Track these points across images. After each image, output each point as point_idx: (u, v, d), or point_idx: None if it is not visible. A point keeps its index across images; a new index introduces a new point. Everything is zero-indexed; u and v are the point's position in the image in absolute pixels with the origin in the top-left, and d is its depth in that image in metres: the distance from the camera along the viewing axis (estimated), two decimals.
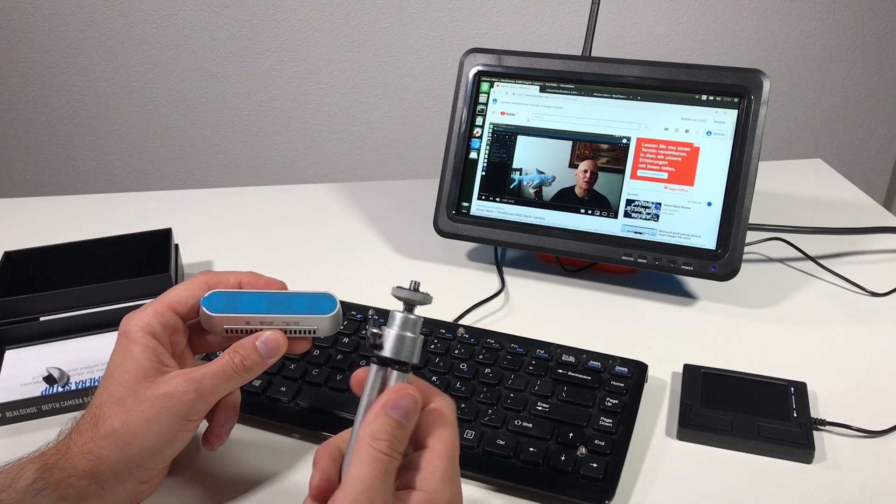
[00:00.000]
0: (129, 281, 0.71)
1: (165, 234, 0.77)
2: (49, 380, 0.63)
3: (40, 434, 0.58)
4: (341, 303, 0.50)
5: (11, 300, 0.68)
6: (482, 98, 0.78)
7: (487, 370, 0.61)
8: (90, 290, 0.70)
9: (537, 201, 0.77)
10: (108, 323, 0.69)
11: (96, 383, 0.63)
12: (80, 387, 0.63)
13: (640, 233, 0.73)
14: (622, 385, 0.59)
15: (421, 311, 0.44)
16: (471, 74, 0.78)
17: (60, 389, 0.63)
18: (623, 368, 0.61)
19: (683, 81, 0.72)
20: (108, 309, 0.70)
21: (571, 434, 0.55)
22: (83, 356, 0.67)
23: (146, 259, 0.77)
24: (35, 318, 0.69)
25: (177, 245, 0.79)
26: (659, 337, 0.70)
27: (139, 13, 1.64)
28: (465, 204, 0.79)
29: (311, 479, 0.40)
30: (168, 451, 0.45)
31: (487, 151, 0.78)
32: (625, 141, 0.74)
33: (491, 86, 0.78)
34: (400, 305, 0.43)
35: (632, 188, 0.74)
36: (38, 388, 0.63)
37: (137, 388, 0.45)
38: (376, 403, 0.40)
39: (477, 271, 0.81)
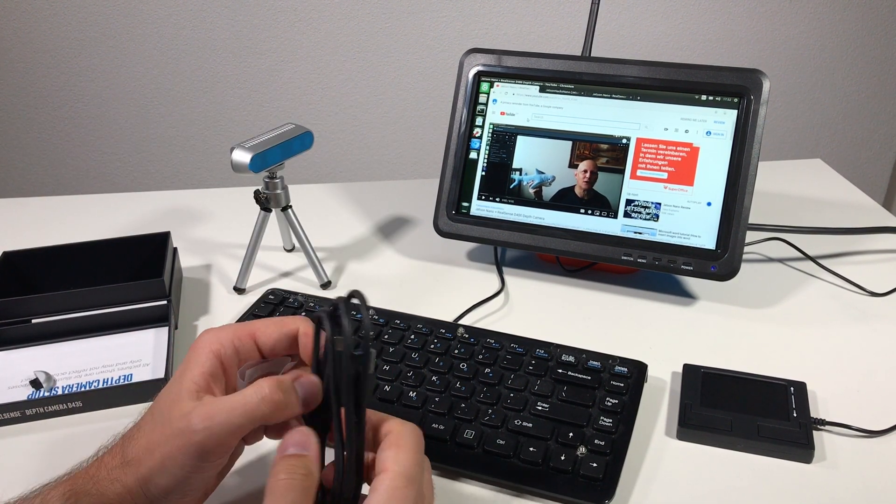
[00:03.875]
0: (122, 285, 0.71)
1: (163, 238, 0.77)
2: (35, 384, 0.63)
3: (24, 438, 0.58)
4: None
5: (3, 302, 0.68)
6: (482, 98, 0.78)
7: (487, 370, 0.61)
8: (83, 293, 0.70)
9: (537, 201, 0.77)
10: (99, 327, 0.69)
11: (84, 388, 0.63)
12: (66, 391, 0.62)
13: (640, 233, 0.73)
14: (622, 385, 0.59)
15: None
16: (471, 74, 0.78)
17: (46, 394, 0.62)
18: (623, 368, 0.61)
19: (683, 81, 0.72)
20: (99, 313, 0.69)
21: (571, 434, 0.55)
22: (73, 360, 0.66)
23: (144, 262, 0.77)
24: (27, 320, 0.69)
25: (175, 248, 0.78)
26: (659, 337, 0.70)
27: (139, 13, 1.64)
28: (465, 204, 0.79)
29: None
30: (188, 487, 0.42)
31: (487, 151, 0.78)
32: (624, 141, 0.74)
33: (491, 86, 0.78)
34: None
35: (632, 188, 0.74)
36: (26, 392, 0.62)
37: (171, 413, 0.42)
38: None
39: (477, 271, 0.81)
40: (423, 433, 0.55)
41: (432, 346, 0.64)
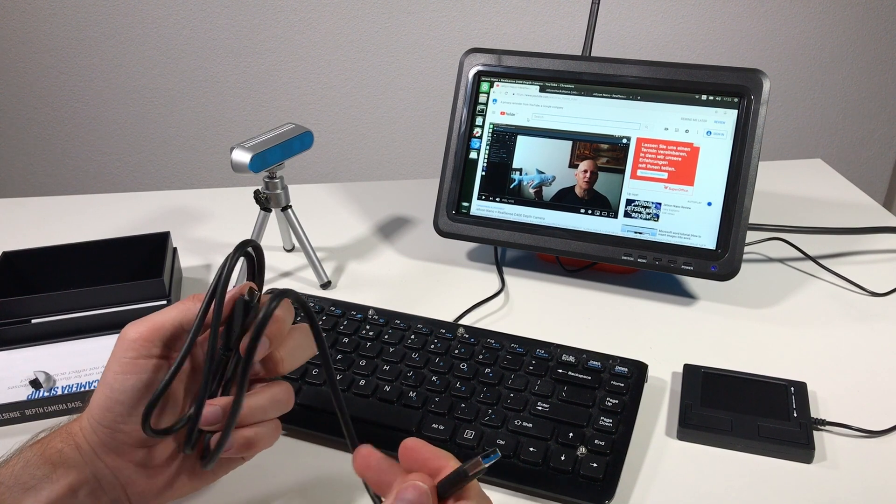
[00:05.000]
0: (122, 285, 0.71)
1: (163, 238, 0.77)
2: (35, 384, 0.62)
3: (24, 439, 0.57)
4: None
5: (3, 302, 0.68)
6: (482, 98, 0.78)
7: (487, 370, 0.61)
8: (83, 293, 0.70)
9: (537, 201, 0.77)
10: (99, 327, 0.69)
11: (84, 388, 0.63)
12: (66, 391, 0.62)
13: (640, 233, 0.73)
14: (622, 385, 0.59)
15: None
16: (471, 74, 0.78)
17: (46, 394, 0.62)
18: (623, 368, 0.61)
19: (683, 81, 0.72)
20: (99, 313, 0.69)
21: (571, 434, 0.55)
22: (73, 360, 0.66)
23: (144, 261, 0.77)
24: (27, 320, 0.69)
25: (175, 248, 0.78)
26: (659, 337, 0.70)
27: (139, 13, 1.64)
28: (465, 204, 0.79)
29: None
30: (119, 402, 0.42)
31: (487, 151, 0.78)
32: (625, 141, 0.74)
33: (491, 86, 0.78)
34: None
35: (632, 188, 0.74)
36: (26, 392, 0.62)
37: None
38: (388, 497, 0.39)
39: (477, 271, 0.81)
40: (423, 434, 0.56)
41: (432, 347, 0.64)
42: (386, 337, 0.65)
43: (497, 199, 0.78)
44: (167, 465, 0.46)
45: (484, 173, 0.78)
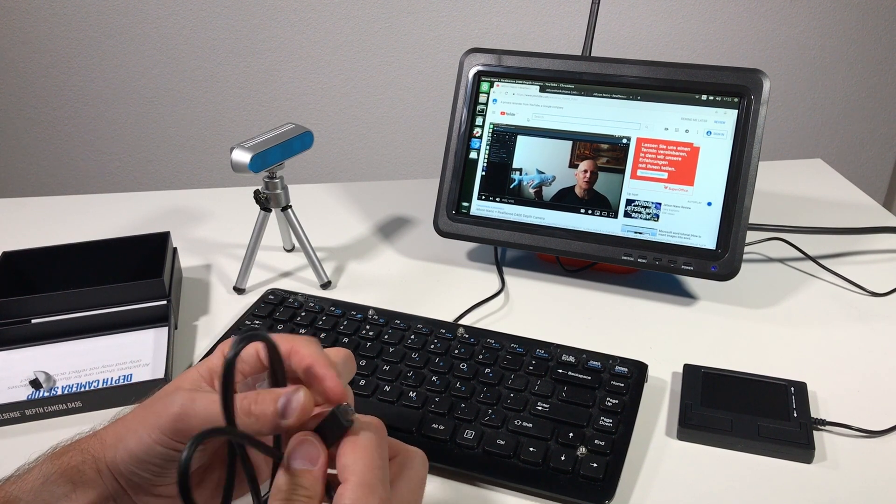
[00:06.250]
0: (122, 285, 0.71)
1: (163, 238, 0.77)
2: (35, 384, 0.63)
3: (24, 439, 0.58)
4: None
5: (3, 302, 0.68)
6: (482, 98, 0.78)
7: (487, 370, 0.61)
8: (83, 293, 0.70)
9: (537, 201, 0.77)
10: (99, 327, 0.69)
11: (84, 388, 0.63)
12: (66, 391, 0.62)
13: (640, 233, 0.73)
14: (622, 385, 0.59)
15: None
16: (471, 74, 0.78)
17: (46, 394, 0.62)
18: (623, 368, 0.61)
19: (683, 81, 0.72)
20: (99, 313, 0.69)
21: (571, 434, 0.55)
22: (73, 360, 0.66)
23: (144, 261, 0.77)
24: (27, 320, 0.69)
25: (175, 248, 0.78)
26: (659, 337, 0.70)
27: (139, 13, 1.64)
28: (465, 204, 0.79)
29: None
30: (150, 463, 0.41)
31: (487, 151, 0.78)
32: (625, 141, 0.74)
33: (491, 86, 0.78)
34: None
35: (632, 188, 0.74)
36: (26, 392, 0.62)
37: (161, 392, 0.43)
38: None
39: (477, 271, 0.81)
40: (423, 434, 0.56)
41: (432, 347, 0.64)
42: (386, 337, 0.65)
43: (497, 199, 0.78)
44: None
45: (484, 173, 0.78)
